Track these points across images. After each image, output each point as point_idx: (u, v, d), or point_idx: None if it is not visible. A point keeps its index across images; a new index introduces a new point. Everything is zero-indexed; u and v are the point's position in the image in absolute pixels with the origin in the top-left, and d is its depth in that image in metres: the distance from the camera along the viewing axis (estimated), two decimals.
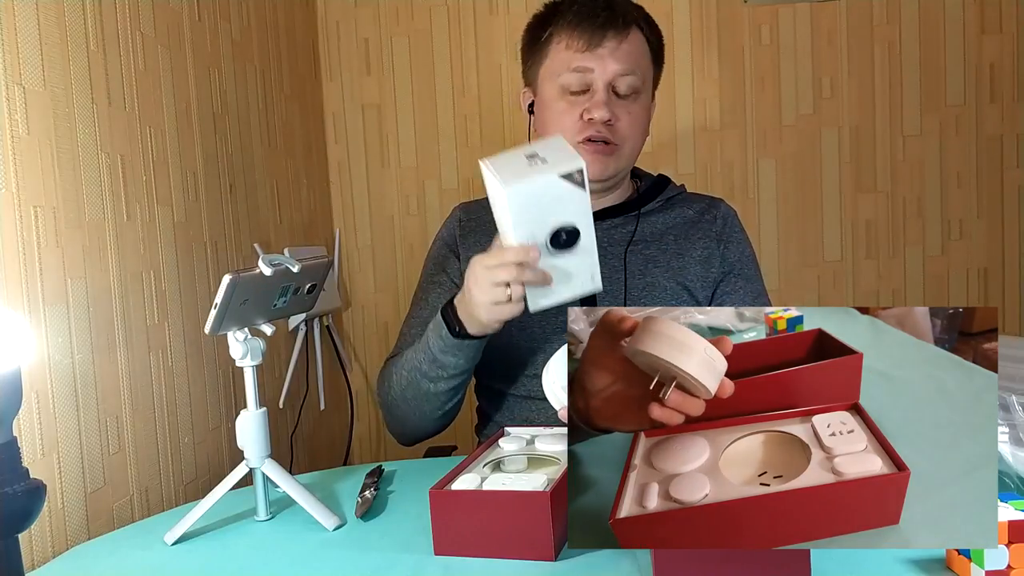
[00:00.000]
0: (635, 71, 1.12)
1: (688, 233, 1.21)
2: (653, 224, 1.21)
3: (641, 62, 1.13)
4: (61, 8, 0.99)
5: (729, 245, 1.21)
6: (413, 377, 1.09)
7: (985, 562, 0.63)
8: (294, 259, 0.90)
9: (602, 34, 1.10)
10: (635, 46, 1.13)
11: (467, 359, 1.05)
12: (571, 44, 1.12)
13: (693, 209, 1.24)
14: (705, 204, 1.25)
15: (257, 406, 0.91)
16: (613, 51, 1.10)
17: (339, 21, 2.06)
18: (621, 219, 1.21)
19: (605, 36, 1.10)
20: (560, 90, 1.13)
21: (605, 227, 1.20)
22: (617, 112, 1.12)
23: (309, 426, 1.83)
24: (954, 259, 2.02)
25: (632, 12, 1.14)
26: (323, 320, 1.94)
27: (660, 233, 1.21)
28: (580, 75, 1.11)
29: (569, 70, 1.11)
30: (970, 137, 1.98)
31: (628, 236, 1.20)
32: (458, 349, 1.03)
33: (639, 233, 1.20)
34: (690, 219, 1.23)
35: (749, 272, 1.22)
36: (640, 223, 1.21)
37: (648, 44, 1.15)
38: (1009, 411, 0.81)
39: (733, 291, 1.20)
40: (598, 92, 1.11)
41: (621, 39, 1.11)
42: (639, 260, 1.18)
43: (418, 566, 0.76)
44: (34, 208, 0.92)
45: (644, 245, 1.19)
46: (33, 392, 0.90)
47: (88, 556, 0.86)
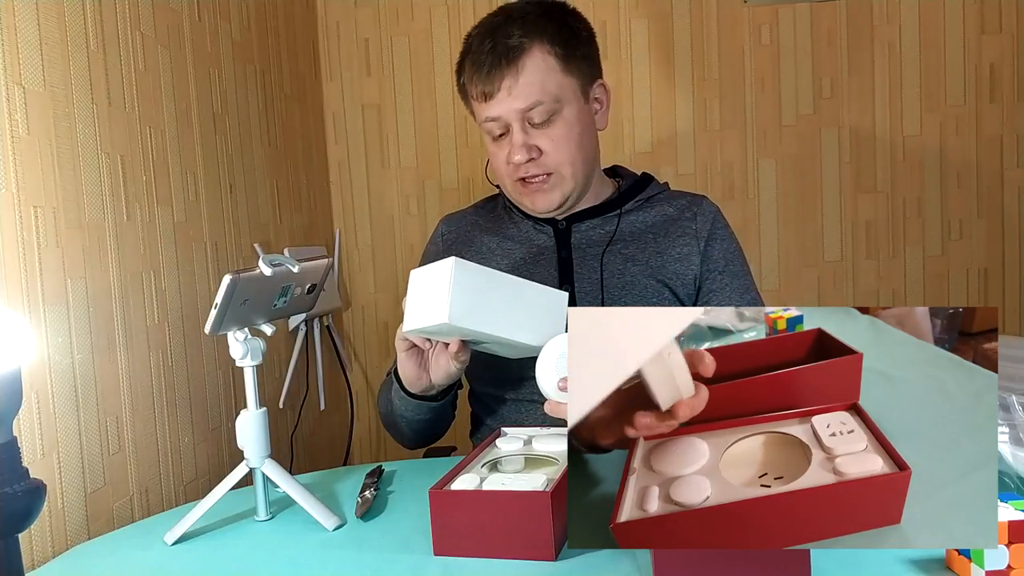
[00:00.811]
0: (540, 99, 1.08)
1: (668, 231, 1.20)
2: (632, 223, 1.21)
3: (548, 84, 1.09)
4: (61, 8, 0.99)
5: (712, 243, 1.19)
6: (396, 408, 1.14)
7: (985, 562, 0.63)
8: (294, 259, 0.90)
9: (491, 79, 1.08)
10: (531, 72, 1.08)
11: (431, 409, 1.12)
12: (475, 95, 1.12)
13: (673, 207, 1.22)
14: (686, 202, 1.23)
15: (257, 406, 0.91)
16: (510, 91, 1.08)
17: (339, 21, 2.06)
18: (600, 219, 1.21)
19: (493, 80, 1.08)
20: (487, 135, 1.16)
21: (583, 229, 1.20)
22: (539, 144, 1.11)
23: (309, 426, 1.83)
24: (954, 259, 2.02)
25: (522, 37, 1.08)
26: (323, 320, 1.94)
27: (639, 232, 1.20)
28: (493, 122, 1.12)
29: (483, 120, 1.13)
30: (970, 137, 1.98)
31: (608, 236, 1.19)
32: (419, 405, 1.10)
33: (619, 233, 1.19)
34: (670, 217, 1.21)
35: (735, 268, 1.21)
36: (620, 223, 1.20)
37: (554, 56, 1.09)
38: (1009, 411, 0.81)
39: (719, 289, 1.19)
40: (514, 134, 1.11)
41: (515, 76, 1.08)
42: (618, 259, 1.17)
43: (418, 566, 0.76)
44: (34, 208, 0.92)
45: (623, 244, 1.19)
46: (33, 392, 0.90)
47: (88, 556, 0.86)
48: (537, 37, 1.09)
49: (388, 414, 1.19)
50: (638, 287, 1.16)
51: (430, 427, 1.17)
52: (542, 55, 1.09)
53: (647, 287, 1.16)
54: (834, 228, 2.03)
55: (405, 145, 2.09)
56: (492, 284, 0.89)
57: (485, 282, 0.89)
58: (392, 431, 1.23)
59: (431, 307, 0.88)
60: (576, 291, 1.16)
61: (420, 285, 0.92)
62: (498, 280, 0.90)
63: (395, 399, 1.12)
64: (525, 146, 1.10)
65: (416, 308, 0.91)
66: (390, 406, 1.16)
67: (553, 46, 1.09)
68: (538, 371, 0.90)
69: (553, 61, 1.10)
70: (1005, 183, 1.99)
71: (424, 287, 0.91)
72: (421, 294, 0.91)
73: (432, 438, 1.21)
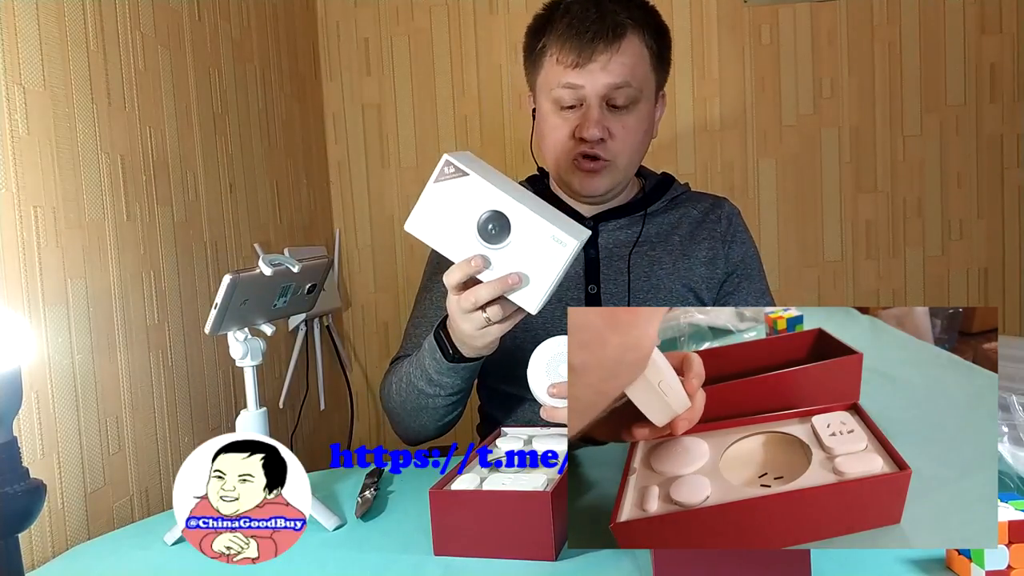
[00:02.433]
0: (630, 82, 1.07)
1: (694, 234, 1.20)
2: (659, 225, 1.20)
3: (638, 71, 1.08)
4: (61, 8, 0.99)
5: (733, 245, 1.20)
6: (411, 391, 1.09)
7: (985, 562, 0.63)
8: (294, 259, 0.90)
9: (591, 48, 1.05)
10: (630, 56, 1.07)
11: (464, 379, 1.05)
12: (562, 59, 1.07)
13: (698, 209, 1.22)
14: (709, 204, 1.24)
15: (257, 406, 0.91)
16: (604, 65, 1.06)
17: (339, 21, 2.06)
18: (626, 220, 1.20)
19: (595, 50, 1.05)
20: (553, 104, 1.11)
21: (611, 228, 1.20)
22: (611, 127, 1.09)
23: (309, 426, 1.83)
24: (954, 259, 2.01)
25: (628, 18, 1.08)
26: (323, 320, 1.94)
27: (666, 234, 1.20)
28: (572, 91, 1.08)
29: (560, 85, 1.08)
30: (970, 137, 1.98)
31: (634, 237, 1.19)
32: (454, 371, 1.03)
33: (644, 234, 1.19)
34: (695, 219, 1.21)
35: (752, 272, 1.21)
36: (646, 224, 1.20)
37: (648, 49, 1.10)
38: (1009, 411, 0.81)
39: (736, 291, 1.19)
40: (591, 108, 1.08)
41: (613, 51, 1.06)
42: (644, 262, 1.17)
43: (418, 566, 0.76)
44: (34, 208, 0.92)
45: (650, 246, 1.19)
46: (33, 392, 0.90)
47: (88, 556, 0.86)
48: (641, 25, 1.10)
49: (400, 404, 1.12)
50: (663, 291, 1.16)
51: (451, 410, 1.10)
52: (641, 43, 1.09)
53: (672, 290, 1.16)
54: (834, 228, 2.03)
55: (405, 145, 2.09)
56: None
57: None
58: (397, 419, 1.16)
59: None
60: (602, 292, 1.16)
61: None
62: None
63: (444, 380, 1.04)
64: (600, 124, 1.08)
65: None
66: (405, 394, 1.10)
67: (650, 39, 1.11)
68: (529, 375, 0.90)
69: (647, 53, 1.10)
70: (1005, 183, 1.99)
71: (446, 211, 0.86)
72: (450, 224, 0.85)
73: (443, 428, 1.15)
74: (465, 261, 0.85)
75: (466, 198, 0.83)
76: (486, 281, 0.85)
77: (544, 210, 0.85)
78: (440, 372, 1.03)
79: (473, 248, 0.84)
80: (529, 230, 0.82)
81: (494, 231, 0.83)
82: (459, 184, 0.83)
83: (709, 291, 1.18)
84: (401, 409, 1.13)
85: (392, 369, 1.18)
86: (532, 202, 0.85)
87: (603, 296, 1.16)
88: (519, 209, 0.82)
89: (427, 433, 1.15)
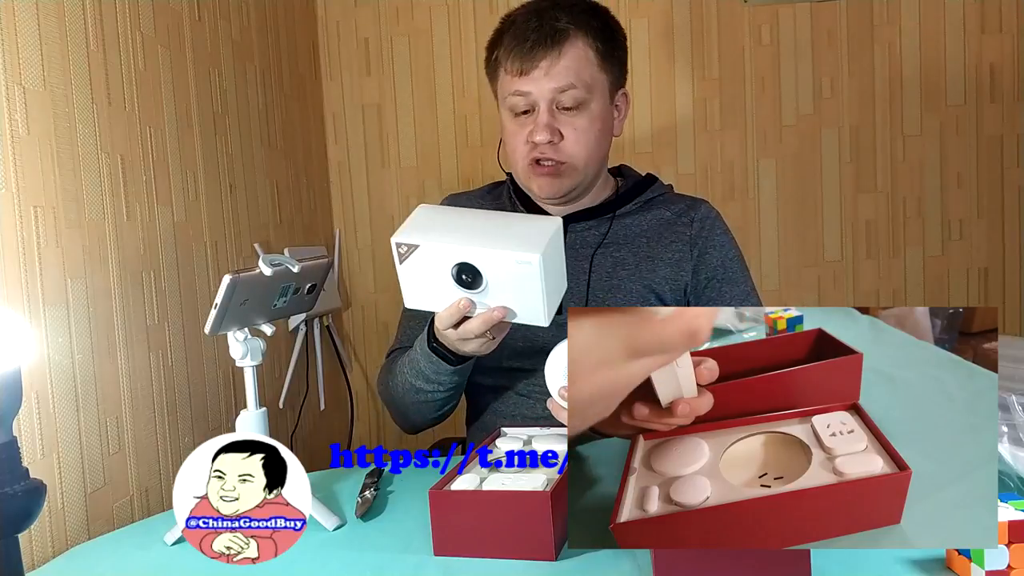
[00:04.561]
0: (574, 84, 1.10)
1: (661, 235, 1.20)
2: (627, 227, 1.21)
3: (583, 73, 1.11)
4: (61, 8, 0.99)
5: (709, 250, 1.19)
6: (408, 386, 1.12)
7: (985, 562, 0.63)
8: (294, 259, 0.90)
9: (532, 55, 1.10)
10: (572, 59, 1.10)
11: (461, 375, 1.09)
12: (509, 68, 1.12)
13: (671, 211, 1.22)
14: (684, 206, 1.23)
15: (257, 406, 0.91)
16: (548, 70, 1.10)
17: (339, 21, 2.06)
18: (595, 221, 1.21)
19: (535, 57, 1.10)
20: (509, 111, 1.15)
21: (578, 229, 1.21)
22: (562, 129, 1.12)
23: (309, 426, 1.83)
24: (954, 259, 2.02)
25: (568, 23, 1.11)
26: (323, 320, 1.94)
27: (633, 236, 1.20)
28: (521, 97, 1.12)
29: (511, 93, 1.13)
30: (970, 137, 1.98)
31: (599, 239, 1.20)
32: (456, 372, 1.07)
33: (611, 235, 1.20)
34: (666, 221, 1.21)
35: (734, 275, 1.20)
36: (614, 225, 1.21)
37: (594, 50, 1.12)
38: (1009, 411, 0.81)
39: (719, 296, 1.19)
40: (540, 113, 1.12)
41: (555, 56, 1.10)
42: (608, 263, 1.18)
43: (418, 566, 0.76)
44: (34, 208, 0.92)
45: (615, 248, 1.19)
46: (33, 392, 0.90)
47: (88, 556, 0.86)
48: (583, 28, 1.12)
49: (398, 396, 1.15)
50: (623, 291, 1.16)
51: (447, 401, 1.14)
52: (584, 45, 1.12)
53: (632, 291, 1.16)
54: (834, 228, 2.03)
55: (405, 145, 2.09)
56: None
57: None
58: (395, 411, 1.20)
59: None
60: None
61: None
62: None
63: (430, 374, 1.08)
64: (549, 127, 1.11)
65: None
66: (402, 389, 1.13)
67: (595, 40, 1.13)
68: (547, 369, 0.90)
69: (592, 54, 1.13)
70: (1005, 183, 1.99)
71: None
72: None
73: (440, 417, 1.18)
74: (453, 305, 0.90)
75: (430, 264, 0.88)
76: (475, 316, 0.90)
77: (505, 232, 0.88)
78: (438, 372, 1.07)
79: (450, 300, 0.90)
80: (495, 266, 0.86)
81: (469, 279, 0.87)
82: (417, 257, 0.88)
83: (673, 293, 1.18)
84: (400, 401, 1.16)
85: (388, 362, 1.21)
86: (492, 232, 0.88)
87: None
88: (479, 252, 0.85)
89: (424, 423, 1.19)
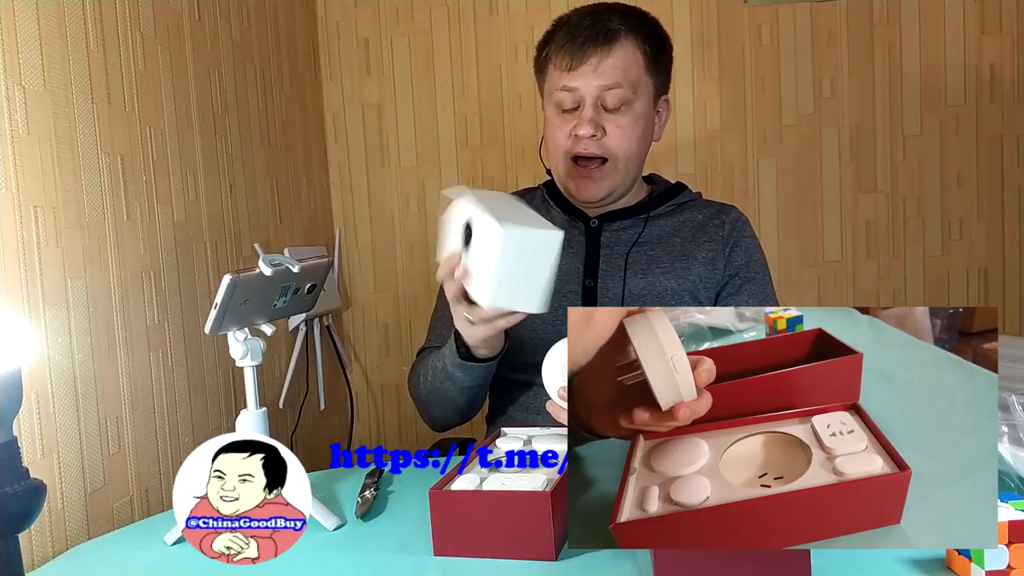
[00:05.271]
0: (621, 83, 1.14)
1: (695, 236, 1.23)
2: (661, 227, 1.24)
3: (630, 73, 1.15)
4: (61, 8, 0.99)
5: (736, 249, 1.22)
6: (435, 384, 1.15)
7: (985, 562, 0.63)
8: (294, 259, 0.90)
9: (582, 52, 1.13)
10: (622, 59, 1.14)
11: (474, 377, 1.10)
12: (559, 64, 1.16)
13: (703, 214, 1.26)
14: (715, 210, 1.27)
15: (257, 406, 0.91)
16: (596, 67, 1.13)
17: (339, 21, 2.06)
18: (630, 221, 1.24)
19: (585, 54, 1.13)
20: (555, 107, 1.18)
21: (614, 228, 1.23)
22: (606, 126, 1.15)
23: (309, 426, 1.83)
24: (954, 259, 2.01)
25: (620, 24, 1.15)
26: (323, 320, 1.94)
27: (667, 236, 1.23)
28: (569, 93, 1.15)
29: (559, 89, 1.16)
30: (970, 137, 1.98)
31: (634, 237, 1.22)
32: (464, 368, 1.08)
33: (646, 235, 1.23)
34: (699, 223, 1.24)
35: (756, 275, 1.23)
36: (648, 226, 1.23)
37: (642, 53, 1.16)
38: (1009, 411, 0.81)
39: (738, 293, 1.21)
40: (586, 108, 1.15)
41: (604, 54, 1.13)
42: (643, 260, 1.20)
43: (418, 566, 0.76)
44: (34, 208, 0.92)
45: (650, 247, 1.22)
46: (33, 392, 0.90)
47: (88, 556, 0.86)
48: (633, 31, 1.16)
49: (426, 394, 1.18)
50: (659, 288, 1.19)
51: (473, 400, 1.17)
52: (633, 47, 1.15)
53: (668, 290, 1.19)
54: (834, 228, 2.03)
55: (405, 145, 2.09)
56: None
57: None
58: (424, 409, 1.22)
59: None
60: (599, 287, 1.20)
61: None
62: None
63: (456, 374, 1.10)
64: (593, 122, 1.14)
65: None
66: (430, 386, 1.15)
67: (644, 44, 1.16)
68: (544, 370, 0.90)
69: (640, 56, 1.16)
70: (1005, 183, 1.99)
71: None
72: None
73: (469, 414, 1.21)
74: (446, 257, 0.95)
75: (454, 220, 0.95)
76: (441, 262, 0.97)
77: (509, 210, 0.93)
78: (454, 366, 1.09)
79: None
80: (480, 228, 0.90)
81: (467, 239, 0.92)
82: (450, 211, 0.97)
83: (707, 291, 1.20)
84: (428, 399, 1.19)
85: (417, 361, 1.24)
86: (503, 207, 0.93)
87: (599, 291, 1.19)
88: (478, 214, 0.90)
89: (454, 420, 1.21)
